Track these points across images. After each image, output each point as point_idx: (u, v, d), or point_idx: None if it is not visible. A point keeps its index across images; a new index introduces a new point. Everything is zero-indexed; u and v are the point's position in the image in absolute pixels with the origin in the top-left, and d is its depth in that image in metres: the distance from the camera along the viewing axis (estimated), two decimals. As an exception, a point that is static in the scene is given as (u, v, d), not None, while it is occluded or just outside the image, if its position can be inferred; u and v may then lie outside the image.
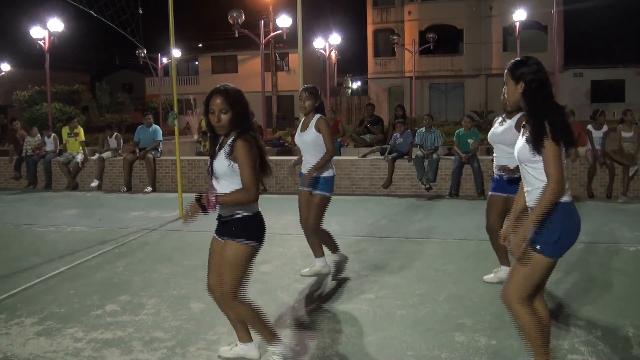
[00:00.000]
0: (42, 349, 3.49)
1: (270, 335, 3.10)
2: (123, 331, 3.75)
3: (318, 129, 4.65)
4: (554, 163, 2.56)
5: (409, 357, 3.30)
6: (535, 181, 2.70)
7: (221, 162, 2.93)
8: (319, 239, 4.86)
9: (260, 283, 4.76)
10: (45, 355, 3.41)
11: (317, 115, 4.71)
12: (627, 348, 3.35)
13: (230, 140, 2.92)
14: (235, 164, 2.89)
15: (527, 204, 2.80)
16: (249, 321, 3.07)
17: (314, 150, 4.69)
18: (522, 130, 2.83)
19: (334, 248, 4.97)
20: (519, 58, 2.81)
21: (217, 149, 3.00)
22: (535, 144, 2.59)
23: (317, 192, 4.71)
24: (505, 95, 3.04)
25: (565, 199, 2.65)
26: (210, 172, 3.01)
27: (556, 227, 2.63)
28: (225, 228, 3.00)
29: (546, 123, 2.58)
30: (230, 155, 2.89)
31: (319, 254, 4.88)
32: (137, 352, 3.43)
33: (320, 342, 3.53)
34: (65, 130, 11.51)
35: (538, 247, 2.64)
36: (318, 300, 4.34)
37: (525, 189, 2.81)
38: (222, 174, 2.94)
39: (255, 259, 3.07)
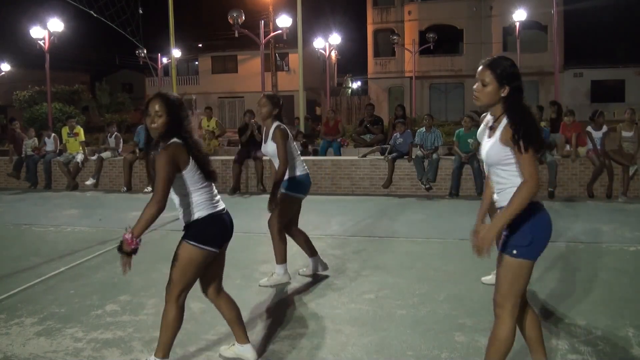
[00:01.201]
0: (42, 349, 3.49)
1: (163, 352, 3.03)
2: (123, 331, 3.75)
3: (274, 140, 4.57)
4: (531, 164, 2.49)
5: (409, 357, 3.30)
6: (507, 181, 2.60)
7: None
8: (276, 243, 4.70)
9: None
10: (45, 355, 3.41)
11: (275, 124, 4.61)
12: (627, 348, 3.35)
13: (159, 147, 2.97)
14: None
15: (496, 205, 2.70)
16: (162, 327, 3.02)
17: (276, 160, 4.64)
18: (488, 131, 2.70)
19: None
20: (496, 56, 2.64)
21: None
22: (524, 142, 2.48)
23: (281, 190, 4.68)
24: (477, 94, 2.61)
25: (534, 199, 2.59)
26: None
27: (526, 229, 2.57)
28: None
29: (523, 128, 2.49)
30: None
31: (279, 260, 4.72)
32: (137, 352, 3.43)
33: (320, 342, 3.53)
34: (65, 130, 11.51)
35: (514, 252, 2.58)
36: (318, 300, 4.34)
37: (496, 191, 2.69)
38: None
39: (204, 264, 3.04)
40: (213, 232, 3.02)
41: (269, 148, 4.65)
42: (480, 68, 2.61)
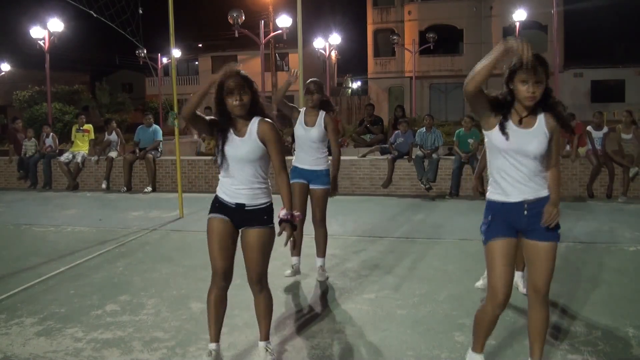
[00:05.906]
0: (42, 349, 3.49)
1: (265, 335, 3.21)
2: (123, 331, 3.75)
3: (326, 127, 4.62)
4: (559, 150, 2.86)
5: (409, 357, 3.30)
6: (534, 175, 2.83)
7: (253, 146, 2.95)
8: (323, 235, 4.80)
9: (260, 283, 4.76)
10: (45, 355, 3.41)
11: (323, 112, 4.67)
12: (627, 348, 3.35)
13: (256, 123, 2.94)
14: (265, 147, 2.95)
15: (524, 196, 2.85)
16: (267, 313, 3.16)
17: (316, 146, 4.63)
18: (512, 123, 2.84)
19: (297, 252, 4.88)
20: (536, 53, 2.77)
21: (228, 133, 2.97)
22: (568, 125, 2.85)
23: (321, 186, 4.66)
24: (536, 92, 2.76)
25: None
26: (221, 160, 2.98)
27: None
28: (253, 216, 3.03)
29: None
30: (260, 138, 2.94)
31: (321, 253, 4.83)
32: (137, 352, 3.43)
33: (321, 342, 3.53)
34: (75, 127, 11.53)
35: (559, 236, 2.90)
36: (318, 300, 4.34)
37: (523, 182, 2.83)
38: (256, 158, 2.98)
39: None
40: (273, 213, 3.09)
41: (315, 133, 4.62)
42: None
